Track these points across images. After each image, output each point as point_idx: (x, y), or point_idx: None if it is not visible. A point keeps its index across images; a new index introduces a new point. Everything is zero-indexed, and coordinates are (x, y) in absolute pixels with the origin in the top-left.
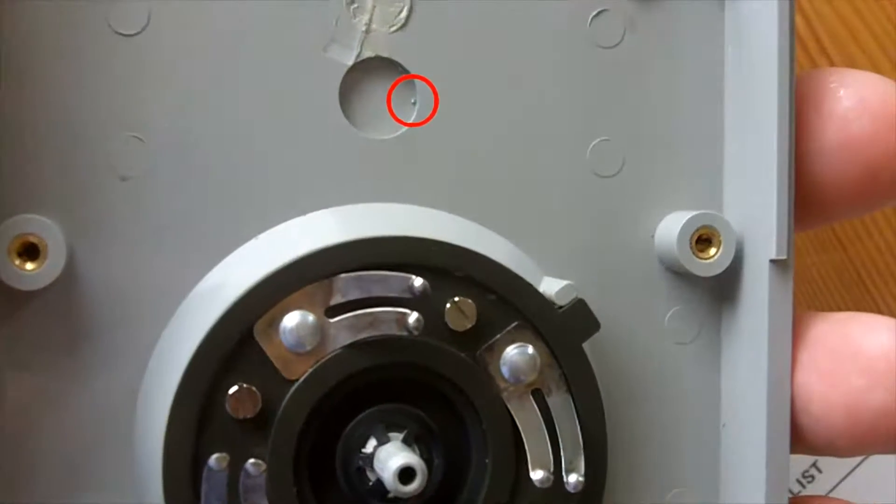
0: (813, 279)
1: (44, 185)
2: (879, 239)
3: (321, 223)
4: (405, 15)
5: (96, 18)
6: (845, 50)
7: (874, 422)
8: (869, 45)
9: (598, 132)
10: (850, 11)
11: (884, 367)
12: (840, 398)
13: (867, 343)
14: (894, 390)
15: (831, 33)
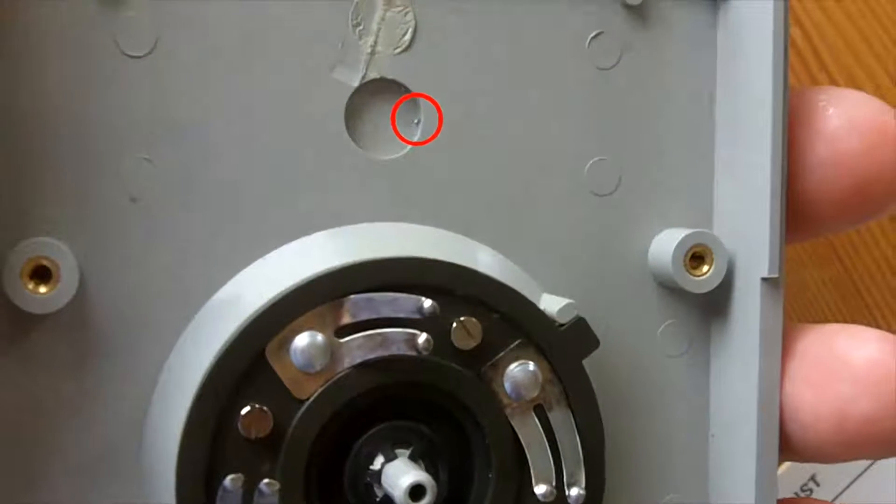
0: (811, 292)
1: (53, 207)
2: (877, 252)
3: (329, 244)
4: (409, 37)
5: (105, 40)
6: (845, 66)
7: (861, 429)
8: (868, 61)
9: (596, 151)
10: (849, 28)
11: (870, 376)
12: (828, 407)
13: (854, 353)
14: (880, 398)
15: (831, 49)
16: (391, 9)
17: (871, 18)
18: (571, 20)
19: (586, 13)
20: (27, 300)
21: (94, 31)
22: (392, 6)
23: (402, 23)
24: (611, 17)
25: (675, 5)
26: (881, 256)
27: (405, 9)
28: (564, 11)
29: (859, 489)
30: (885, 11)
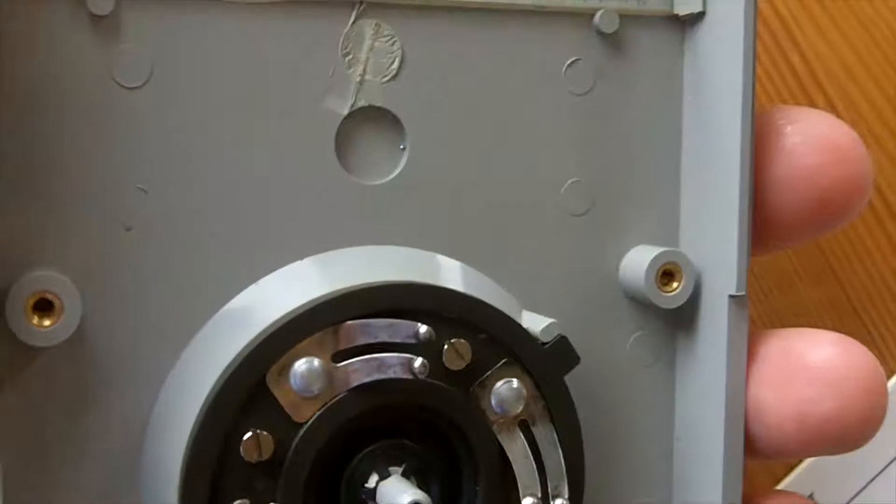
0: (807, 309)
1: (50, 237)
2: (873, 269)
3: (323, 269)
4: (397, 66)
5: (100, 71)
6: (842, 88)
7: (822, 428)
8: (866, 83)
9: (572, 173)
10: (847, 50)
11: (829, 377)
12: (791, 408)
13: (813, 356)
14: (839, 398)
15: (828, 71)
16: (379, 38)
17: (871, 43)
18: (550, 48)
19: (564, 41)
20: (31, 334)
21: (89, 62)
22: (380, 35)
23: (389, 52)
24: (587, 45)
25: (645, 32)
26: (878, 275)
27: (392, 38)
28: (543, 40)
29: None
30: (883, 36)
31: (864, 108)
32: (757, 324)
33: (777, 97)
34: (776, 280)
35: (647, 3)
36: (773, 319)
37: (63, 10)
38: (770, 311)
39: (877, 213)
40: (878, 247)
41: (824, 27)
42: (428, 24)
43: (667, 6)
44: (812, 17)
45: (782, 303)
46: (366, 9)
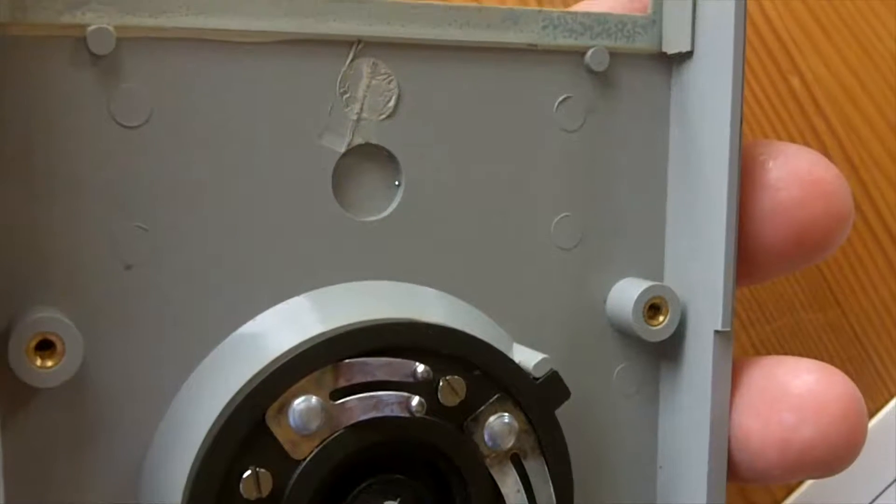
0: (808, 335)
1: (51, 276)
2: (874, 295)
3: (321, 306)
4: (393, 104)
5: (100, 110)
6: (841, 110)
7: (803, 454)
8: (865, 106)
9: (562, 208)
10: (846, 73)
11: (810, 404)
12: (773, 435)
13: (794, 384)
14: (820, 425)
15: (827, 94)
16: (376, 76)
17: (870, 66)
18: (542, 86)
19: (556, 79)
20: (33, 375)
21: (89, 101)
22: (377, 74)
23: (386, 90)
24: (578, 83)
25: (634, 70)
26: (879, 301)
27: (389, 76)
28: (536, 78)
29: None
30: (883, 60)
31: (864, 131)
32: (758, 346)
33: (776, 119)
34: (777, 303)
35: (636, 41)
36: (774, 342)
37: (64, 50)
38: (770, 335)
39: (877, 237)
40: (879, 271)
41: (824, 50)
42: (424, 62)
43: (655, 44)
44: (812, 40)
45: (783, 326)
46: (363, 48)
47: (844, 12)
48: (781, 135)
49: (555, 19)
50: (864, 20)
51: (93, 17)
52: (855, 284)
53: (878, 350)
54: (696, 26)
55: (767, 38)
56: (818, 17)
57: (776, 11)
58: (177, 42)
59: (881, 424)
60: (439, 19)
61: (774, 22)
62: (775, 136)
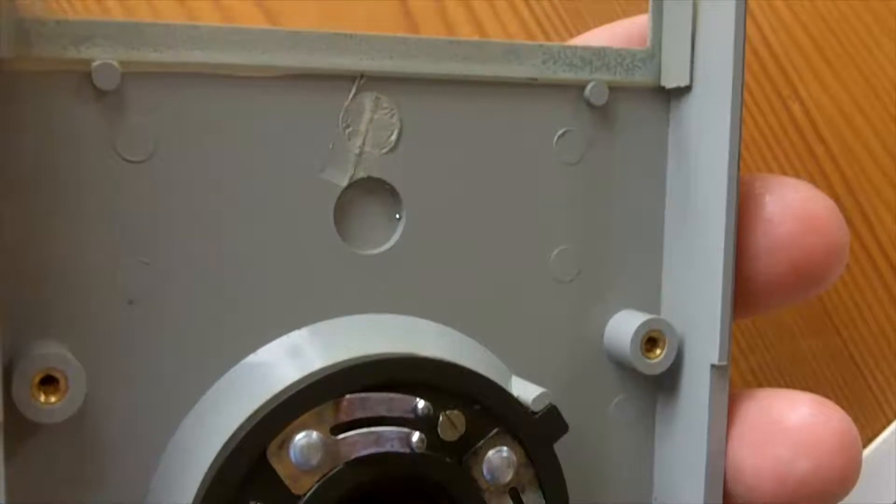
0: (807, 361)
1: (54, 310)
2: (873, 322)
3: (322, 340)
4: (395, 138)
5: (104, 145)
6: (841, 137)
7: (799, 488)
8: (866, 133)
9: (560, 241)
10: (847, 100)
11: (806, 438)
12: (769, 468)
13: (790, 417)
14: (815, 459)
15: (828, 121)
16: (379, 110)
17: (870, 94)
18: (542, 120)
19: (556, 113)
20: (37, 411)
21: (93, 136)
22: (380, 108)
23: (388, 124)
24: (577, 116)
25: (633, 103)
26: (878, 328)
27: (392, 111)
28: (536, 112)
29: None
30: (883, 87)
31: (864, 158)
32: (756, 373)
33: (776, 145)
34: (777, 331)
35: (635, 75)
36: (773, 370)
37: (69, 85)
38: (771, 362)
39: (876, 264)
40: (877, 298)
41: (825, 77)
42: (426, 96)
43: (654, 78)
44: (813, 67)
45: (782, 352)
46: (366, 82)
47: (845, 40)
48: (781, 160)
49: (555, 53)
50: (865, 48)
51: (97, 52)
52: (853, 311)
53: (877, 377)
54: (694, 61)
55: (768, 63)
56: (819, 43)
57: (777, 37)
58: (180, 76)
59: (879, 449)
60: (441, 54)
61: (775, 48)
62: (774, 161)
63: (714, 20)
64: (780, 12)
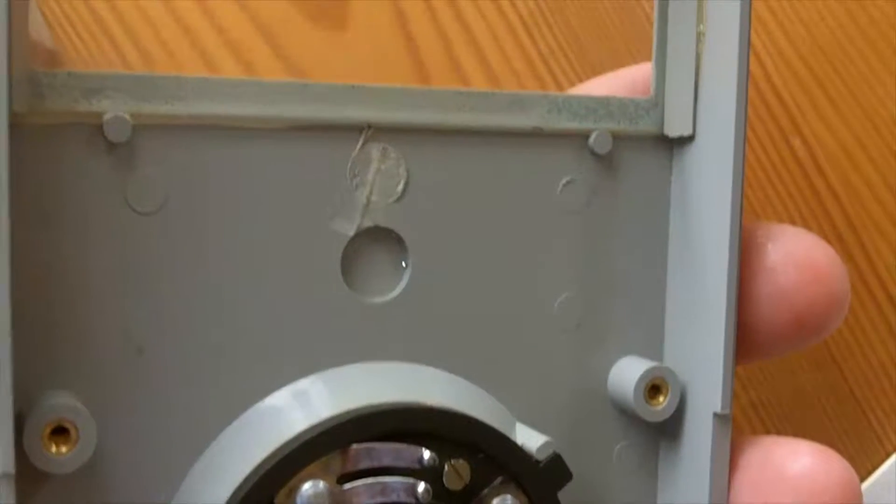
0: (807, 396)
1: (63, 360)
2: (872, 356)
3: (328, 389)
4: (402, 188)
5: (115, 197)
6: (843, 173)
7: None
8: (866, 168)
9: (564, 288)
10: (848, 135)
11: (807, 487)
12: None
13: (791, 466)
14: None
15: (829, 155)
16: (386, 161)
17: (871, 129)
18: (546, 169)
19: (560, 162)
20: (48, 461)
21: (104, 188)
22: (387, 158)
23: (395, 174)
24: (581, 165)
25: (636, 153)
26: (878, 362)
27: (398, 161)
28: (541, 161)
29: None
30: (884, 123)
31: (864, 193)
32: (757, 406)
33: (777, 180)
34: (777, 364)
35: (638, 123)
36: (774, 404)
37: (81, 137)
38: (771, 395)
39: (876, 299)
40: (878, 333)
41: (826, 112)
42: (432, 146)
43: (657, 127)
44: (814, 102)
45: (782, 386)
46: (373, 133)
47: (846, 75)
48: (782, 194)
49: (559, 103)
50: (866, 83)
51: (109, 105)
52: (854, 346)
53: (876, 411)
54: (697, 110)
55: (769, 98)
56: (820, 79)
57: (778, 73)
58: (190, 128)
59: (878, 482)
60: (448, 104)
61: (776, 83)
62: (776, 195)
63: (717, 71)
64: (781, 47)
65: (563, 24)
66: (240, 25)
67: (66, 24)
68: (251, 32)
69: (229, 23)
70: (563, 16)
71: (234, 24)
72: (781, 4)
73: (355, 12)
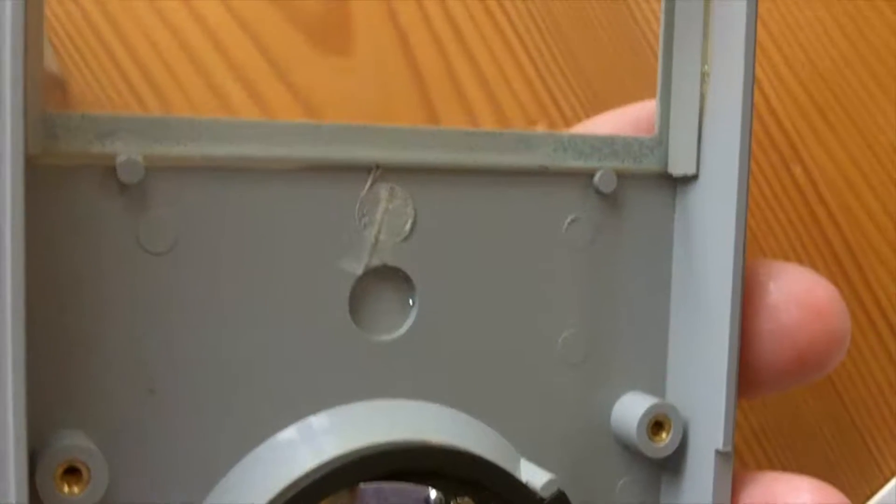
0: (808, 423)
1: (76, 400)
2: (872, 384)
3: (336, 428)
4: (409, 227)
5: (127, 237)
6: (843, 201)
7: None
8: (867, 196)
9: (568, 325)
10: (848, 163)
11: None
12: None
13: (792, 502)
14: None
15: (830, 184)
16: (394, 200)
17: (872, 157)
18: (552, 207)
19: (565, 200)
20: (60, 502)
21: (116, 228)
22: (395, 198)
23: (403, 213)
24: (586, 204)
25: (640, 191)
26: (877, 389)
27: (406, 200)
28: (546, 199)
29: None
30: (884, 151)
31: (864, 221)
32: (758, 433)
33: (779, 208)
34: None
35: (642, 162)
36: (775, 431)
37: (94, 179)
38: (772, 423)
39: (876, 327)
40: (877, 360)
41: (826, 139)
42: (439, 185)
43: (661, 165)
44: (815, 130)
45: (783, 413)
46: (382, 173)
47: (847, 103)
48: (782, 221)
49: (565, 142)
50: (867, 111)
51: (121, 146)
52: (853, 373)
53: (875, 438)
54: (701, 150)
55: (770, 125)
56: (821, 107)
57: (780, 100)
58: (200, 169)
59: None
60: (455, 144)
61: (777, 110)
62: (776, 223)
63: (721, 112)
64: (782, 74)
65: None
66: (244, 49)
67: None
68: (255, 56)
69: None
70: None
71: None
72: (783, 31)
73: (360, 38)
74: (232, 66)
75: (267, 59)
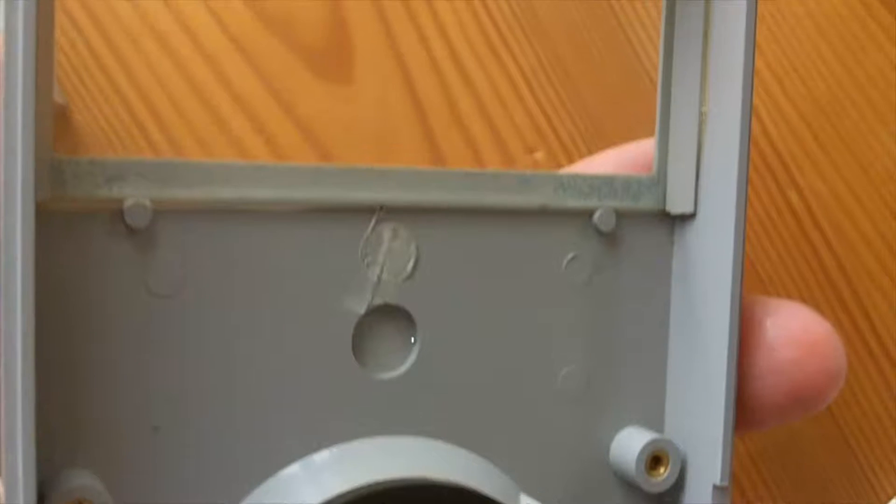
0: (804, 446)
1: (82, 439)
2: (867, 407)
3: (339, 464)
4: (411, 266)
5: (134, 281)
6: (839, 227)
7: None
8: (863, 222)
9: (568, 362)
10: (844, 189)
11: None
12: None
13: None
14: None
15: (825, 210)
16: (396, 240)
17: (867, 183)
18: (552, 246)
19: (565, 239)
20: None
21: (124, 272)
22: (397, 238)
23: (405, 253)
24: (585, 242)
25: (639, 229)
26: (872, 413)
27: (409, 240)
28: (546, 238)
29: None
30: (879, 177)
31: (860, 245)
32: (754, 456)
33: (775, 234)
34: None
35: (640, 200)
36: (772, 454)
37: (102, 224)
38: (768, 445)
39: (872, 351)
40: (873, 385)
41: (822, 166)
42: (441, 225)
43: (659, 204)
44: (810, 157)
45: (779, 437)
46: (385, 214)
47: (842, 130)
48: (778, 246)
49: (565, 182)
50: (862, 138)
51: (130, 191)
52: (849, 397)
53: (871, 461)
54: (699, 189)
55: (766, 152)
56: (817, 133)
57: (775, 127)
58: (207, 213)
59: None
60: (457, 185)
61: (773, 137)
62: (772, 248)
63: (719, 152)
64: (778, 101)
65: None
66: (247, 80)
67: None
68: (257, 86)
69: (236, 77)
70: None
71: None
72: (778, 58)
73: (360, 67)
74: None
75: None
